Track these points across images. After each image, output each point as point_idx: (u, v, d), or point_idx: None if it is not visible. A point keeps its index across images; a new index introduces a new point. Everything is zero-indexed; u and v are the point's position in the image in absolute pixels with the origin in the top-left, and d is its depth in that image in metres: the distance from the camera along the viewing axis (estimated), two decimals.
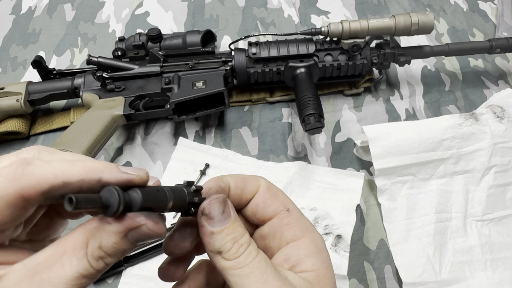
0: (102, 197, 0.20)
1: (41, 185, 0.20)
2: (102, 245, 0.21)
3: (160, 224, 0.22)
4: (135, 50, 0.63)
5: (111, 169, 0.21)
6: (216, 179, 0.28)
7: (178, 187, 0.25)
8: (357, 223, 0.52)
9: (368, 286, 0.49)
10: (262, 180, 0.29)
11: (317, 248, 0.27)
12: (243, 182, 0.28)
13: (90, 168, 0.21)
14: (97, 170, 0.21)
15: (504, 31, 0.72)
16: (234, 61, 0.61)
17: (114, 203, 0.20)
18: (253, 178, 0.29)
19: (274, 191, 0.29)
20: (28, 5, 0.83)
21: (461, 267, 0.48)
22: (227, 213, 0.25)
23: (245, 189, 0.28)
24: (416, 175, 0.53)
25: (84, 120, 0.55)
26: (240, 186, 0.28)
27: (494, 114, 0.54)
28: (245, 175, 0.29)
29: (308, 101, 0.54)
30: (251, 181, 0.29)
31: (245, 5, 0.80)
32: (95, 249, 0.21)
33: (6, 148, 0.62)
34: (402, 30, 0.57)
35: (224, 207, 0.26)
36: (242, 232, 0.25)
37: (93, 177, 0.21)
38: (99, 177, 0.21)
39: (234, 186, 0.28)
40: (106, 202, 0.20)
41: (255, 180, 0.29)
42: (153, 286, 0.48)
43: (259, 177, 0.29)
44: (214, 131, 0.62)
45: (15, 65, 0.73)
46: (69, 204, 0.18)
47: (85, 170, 0.21)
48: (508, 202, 0.52)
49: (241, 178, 0.29)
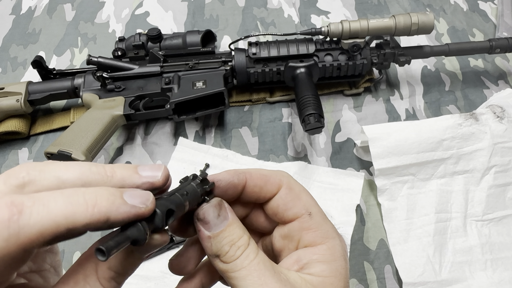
0: (129, 234, 0.20)
1: (43, 237, 0.18)
2: (111, 266, 0.21)
3: (163, 234, 0.22)
4: (135, 50, 0.63)
5: (117, 204, 0.20)
6: (233, 173, 0.27)
7: (185, 184, 0.25)
8: (357, 223, 0.52)
9: (368, 286, 0.49)
10: (285, 178, 0.28)
11: (332, 256, 0.26)
12: (263, 180, 0.27)
13: (95, 209, 0.19)
14: (102, 211, 0.19)
15: (504, 31, 0.72)
16: (234, 61, 0.61)
17: (142, 236, 0.20)
18: (275, 176, 0.28)
19: (297, 191, 0.27)
20: (28, 5, 0.83)
21: (461, 267, 0.48)
22: (223, 216, 0.25)
23: (264, 187, 0.27)
24: (416, 175, 0.53)
25: (84, 120, 0.55)
26: (259, 184, 0.27)
27: (494, 114, 0.54)
28: (267, 171, 0.28)
29: (308, 101, 0.54)
30: (272, 179, 0.27)
31: (245, 5, 0.80)
32: (105, 271, 0.21)
33: (6, 148, 0.62)
34: (402, 30, 0.57)
35: (219, 210, 0.25)
36: (239, 234, 0.25)
37: (100, 220, 0.19)
38: (106, 218, 0.19)
39: (252, 184, 0.27)
40: (134, 237, 0.20)
41: (276, 179, 0.27)
42: (153, 286, 0.48)
43: (282, 175, 0.28)
44: (214, 131, 0.62)
45: (15, 65, 0.73)
46: (101, 256, 0.18)
47: (89, 212, 0.19)
48: (508, 202, 0.52)
49: (261, 176, 0.27)
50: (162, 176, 0.22)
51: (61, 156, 0.51)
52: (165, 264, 0.49)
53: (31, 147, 0.62)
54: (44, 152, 0.52)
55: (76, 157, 0.50)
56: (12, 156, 0.61)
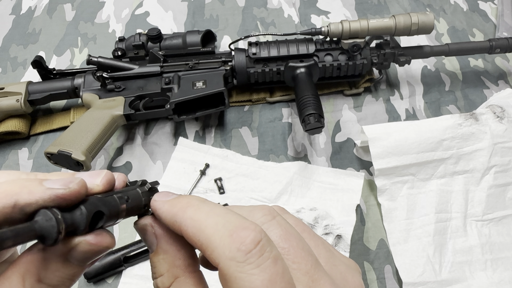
0: (36, 226, 0.16)
1: None
2: (42, 278, 0.18)
3: (103, 235, 0.19)
4: (135, 50, 0.63)
5: (30, 187, 0.17)
6: (171, 217, 0.20)
7: (130, 188, 0.22)
8: (357, 223, 0.52)
9: (368, 286, 0.49)
10: (225, 262, 0.18)
11: None
12: (200, 244, 0.19)
13: (2, 193, 0.16)
14: (10, 194, 0.16)
15: (504, 31, 0.72)
16: (234, 61, 0.61)
17: (52, 231, 0.16)
18: (216, 248, 0.18)
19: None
20: (28, 5, 0.83)
21: (461, 267, 0.48)
22: (148, 243, 0.22)
23: (204, 255, 0.19)
24: (416, 175, 0.53)
25: (84, 120, 0.55)
26: (194, 242, 0.19)
27: (494, 114, 0.54)
28: (216, 229, 0.19)
29: (308, 101, 0.54)
30: (210, 249, 0.18)
31: (245, 5, 0.80)
32: (34, 284, 0.17)
33: (6, 148, 0.62)
34: (402, 30, 0.57)
35: (144, 235, 0.22)
36: (160, 270, 0.21)
37: (6, 204, 0.16)
38: (14, 201, 0.16)
39: (187, 236, 0.20)
40: (42, 230, 0.16)
41: (216, 253, 0.18)
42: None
43: (222, 252, 0.18)
44: (214, 131, 0.62)
45: (15, 65, 0.73)
46: None
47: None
48: (508, 202, 0.52)
49: (197, 239, 0.19)
50: (75, 183, 0.18)
51: (61, 156, 0.51)
52: None
53: (31, 147, 0.62)
54: (44, 152, 0.52)
55: (76, 157, 0.50)
56: (12, 156, 0.61)
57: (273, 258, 0.18)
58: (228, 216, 0.19)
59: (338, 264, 0.22)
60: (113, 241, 0.19)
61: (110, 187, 0.21)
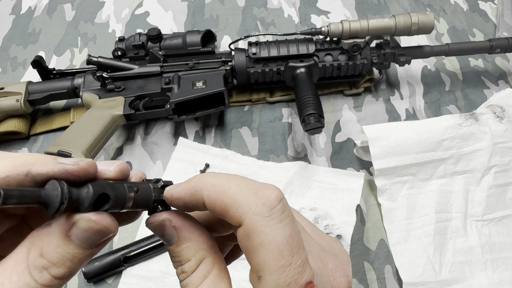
0: (42, 192, 0.17)
1: None
2: (44, 252, 0.18)
3: (105, 216, 0.19)
4: (135, 50, 0.63)
5: (44, 160, 0.18)
6: (190, 191, 0.22)
7: (142, 182, 0.23)
8: (357, 223, 0.52)
9: (368, 286, 0.48)
10: (249, 217, 0.20)
11: None
12: (222, 209, 0.21)
13: (19, 162, 0.18)
14: (25, 164, 0.18)
15: (504, 31, 0.72)
16: (234, 61, 0.61)
17: (55, 200, 0.17)
18: (240, 207, 0.20)
19: (255, 243, 0.20)
20: (28, 5, 0.83)
21: (461, 267, 0.48)
22: (167, 237, 0.22)
23: (222, 216, 0.22)
24: (416, 175, 0.53)
25: (84, 120, 0.55)
26: (217, 211, 0.22)
27: (494, 114, 0.54)
28: (236, 192, 0.21)
29: (308, 101, 0.54)
30: (232, 211, 0.21)
31: (245, 5, 0.80)
32: (36, 258, 0.18)
33: (6, 148, 0.62)
34: (402, 30, 0.57)
35: (162, 230, 0.22)
36: (186, 257, 0.22)
37: (20, 171, 0.18)
38: (27, 170, 0.18)
39: (210, 207, 0.22)
40: (46, 197, 0.17)
41: (239, 212, 0.20)
42: (153, 286, 0.48)
43: (249, 208, 0.20)
44: (214, 131, 0.62)
45: (15, 65, 0.73)
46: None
47: (12, 165, 0.18)
48: (508, 202, 0.52)
49: (220, 202, 0.21)
50: (84, 162, 0.19)
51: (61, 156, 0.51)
52: (165, 264, 0.49)
53: (31, 147, 0.62)
54: (44, 152, 0.52)
55: (76, 157, 0.50)
56: None
57: (292, 216, 0.20)
58: (247, 180, 0.22)
59: (322, 235, 0.25)
60: (114, 224, 0.20)
61: (123, 176, 0.22)
